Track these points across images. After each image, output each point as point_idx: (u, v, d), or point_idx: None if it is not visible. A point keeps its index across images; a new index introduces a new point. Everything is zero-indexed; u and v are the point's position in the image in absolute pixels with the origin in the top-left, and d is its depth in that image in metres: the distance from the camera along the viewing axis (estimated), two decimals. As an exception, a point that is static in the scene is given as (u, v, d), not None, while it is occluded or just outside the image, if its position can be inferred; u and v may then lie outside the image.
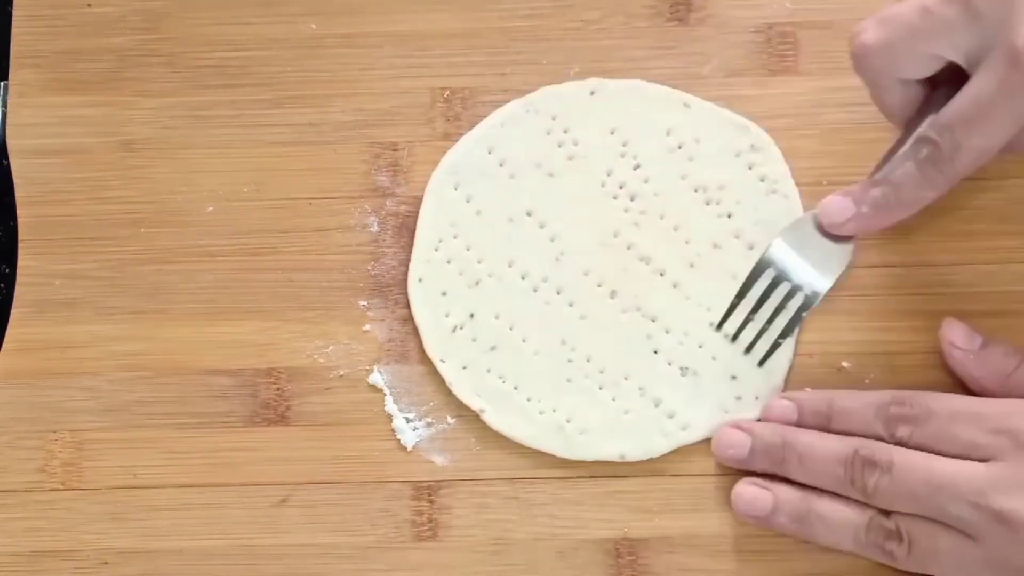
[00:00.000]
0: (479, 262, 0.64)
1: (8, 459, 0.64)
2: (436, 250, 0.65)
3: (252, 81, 0.68)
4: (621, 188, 0.65)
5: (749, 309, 0.62)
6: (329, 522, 0.63)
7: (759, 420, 0.61)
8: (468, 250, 0.65)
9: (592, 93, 0.65)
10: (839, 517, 0.57)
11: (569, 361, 0.63)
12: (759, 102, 0.65)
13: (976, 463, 0.54)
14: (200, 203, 0.67)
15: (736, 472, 0.61)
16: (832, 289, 0.61)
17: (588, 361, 0.63)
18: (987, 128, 0.52)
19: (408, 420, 0.63)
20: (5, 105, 0.69)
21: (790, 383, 0.62)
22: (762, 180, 0.64)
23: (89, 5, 0.70)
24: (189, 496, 0.63)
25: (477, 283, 0.64)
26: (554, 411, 0.63)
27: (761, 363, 0.62)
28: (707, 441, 0.62)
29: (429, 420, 0.63)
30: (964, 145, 0.53)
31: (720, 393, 0.62)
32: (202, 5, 0.69)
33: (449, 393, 0.63)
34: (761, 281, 0.61)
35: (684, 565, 0.61)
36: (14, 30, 0.69)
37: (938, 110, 0.54)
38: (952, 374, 0.61)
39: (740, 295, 0.62)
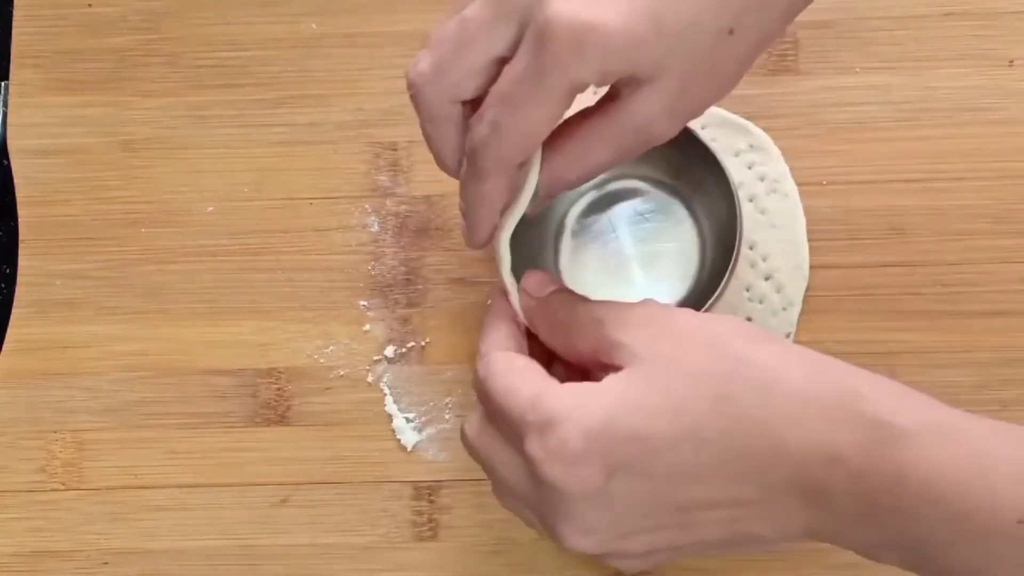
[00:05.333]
0: (479, 262, 0.64)
1: (9, 459, 0.64)
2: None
3: (252, 81, 0.68)
4: (621, 188, 0.65)
5: None
6: (329, 522, 0.63)
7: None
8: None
9: (594, 91, 0.65)
10: None
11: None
12: (759, 102, 0.65)
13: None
14: (200, 203, 0.67)
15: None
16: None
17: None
18: (526, 107, 0.46)
19: (408, 420, 0.63)
20: (6, 105, 0.69)
21: (790, 383, 0.62)
22: (762, 180, 0.64)
23: (90, 5, 0.70)
24: (189, 496, 0.63)
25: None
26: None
27: None
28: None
29: (429, 420, 0.63)
30: (504, 124, 0.46)
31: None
32: (202, 5, 0.69)
33: (449, 393, 0.63)
34: None
35: (684, 565, 0.61)
36: (14, 30, 0.69)
37: None
38: (950, 371, 0.62)
39: None
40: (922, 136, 0.65)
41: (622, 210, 0.63)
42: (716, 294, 0.58)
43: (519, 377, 0.48)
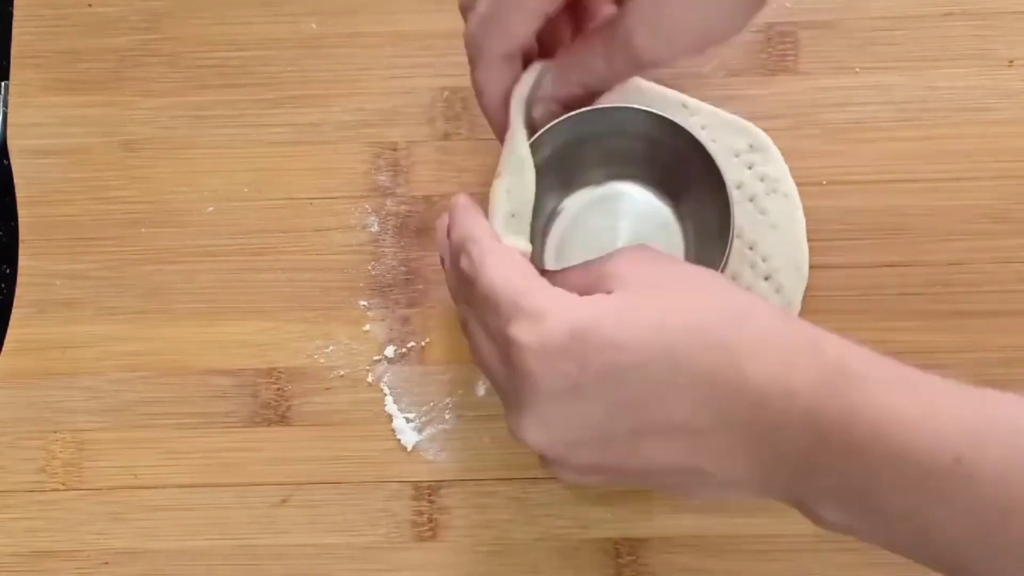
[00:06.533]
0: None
1: (9, 459, 0.64)
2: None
3: (252, 81, 0.68)
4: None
5: None
6: (329, 522, 0.63)
7: None
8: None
9: None
10: None
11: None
12: (759, 102, 0.65)
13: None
14: (200, 203, 0.67)
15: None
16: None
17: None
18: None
19: (408, 420, 0.63)
20: (6, 105, 0.69)
21: (790, 383, 0.62)
22: (762, 180, 0.64)
23: (90, 5, 0.70)
24: (189, 496, 0.63)
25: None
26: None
27: None
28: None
29: (429, 420, 0.63)
30: (492, 19, 0.53)
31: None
32: (202, 5, 0.69)
33: (449, 393, 0.63)
34: None
35: (684, 565, 0.61)
36: (15, 30, 0.69)
37: None
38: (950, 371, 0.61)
39: None
40: (922, 136, 0.65)
41: (612, 210, 0.63)
42: None
43: (516, 268, 0.49)
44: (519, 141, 0.54)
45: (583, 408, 0.47)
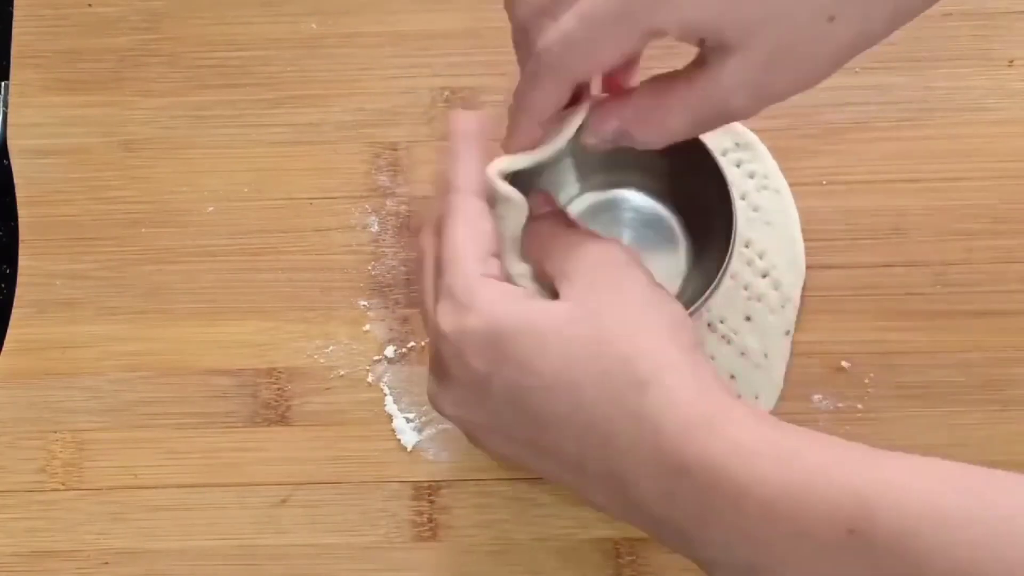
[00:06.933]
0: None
1: (9, 459, 0.64)
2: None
3: (252, 81, 0.68)
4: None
5: None
6: (329, 522, 0.63)
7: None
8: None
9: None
10: None
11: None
12: (759, 102, 0.65)
13: None
14: (200, 203, 0.67)
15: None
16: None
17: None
18: (601, 34, 0.46)
19: (408, 420, 0.63)
20: (6, 105, 0.69)
21: (789, 382, 0.62)
22: (751, 177, 0.64)
23: (90, 5, 0.70)
24: (189, 496, 0.63)
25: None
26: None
27: None
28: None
29: (429, 420, 0.63)
30: (575, 40, 0.46)
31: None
32: (202, 5, 0.69)
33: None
34: None
35: (684, 565, 0.60)
36: (15, 30, 0.69)
37: None
38: (950, 371, 0.62)
39: None
40: (922, 136, 0.65)
41: (613, 217, 0.63)
42: (707, 293, 0.57)
43: (474, 243, 0.49)
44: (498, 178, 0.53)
45: (488, 403, 0.48)
